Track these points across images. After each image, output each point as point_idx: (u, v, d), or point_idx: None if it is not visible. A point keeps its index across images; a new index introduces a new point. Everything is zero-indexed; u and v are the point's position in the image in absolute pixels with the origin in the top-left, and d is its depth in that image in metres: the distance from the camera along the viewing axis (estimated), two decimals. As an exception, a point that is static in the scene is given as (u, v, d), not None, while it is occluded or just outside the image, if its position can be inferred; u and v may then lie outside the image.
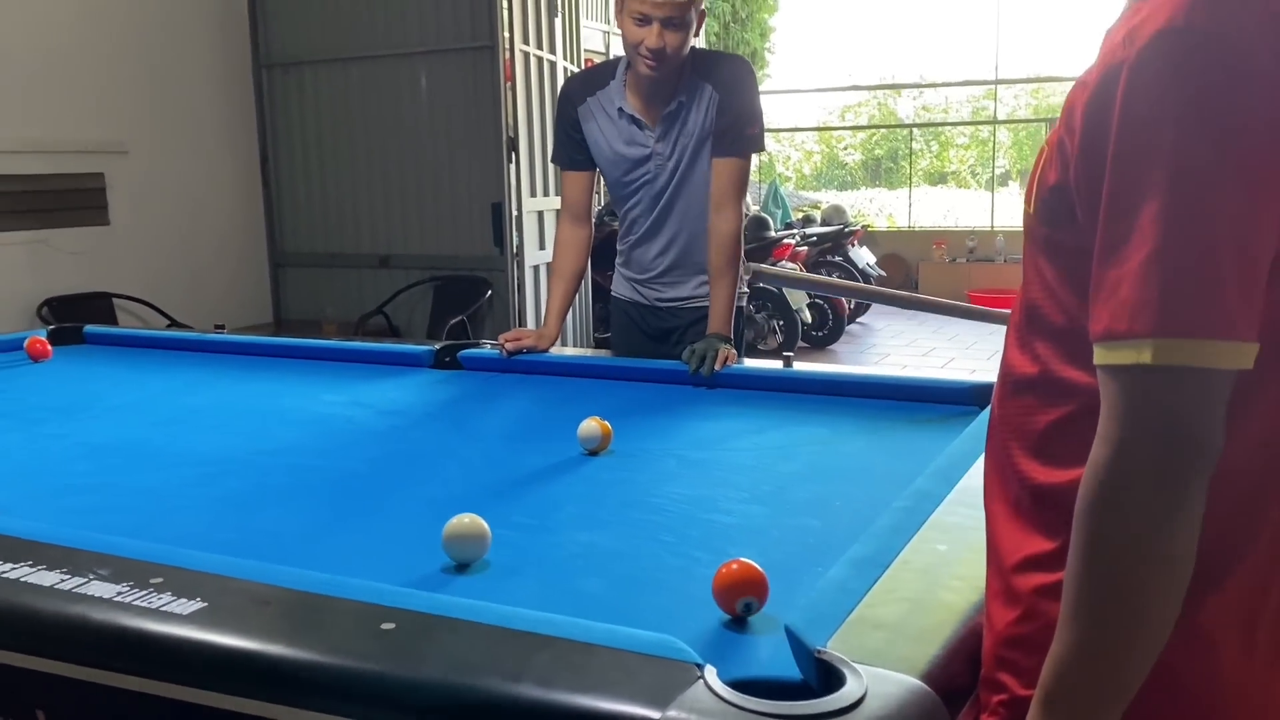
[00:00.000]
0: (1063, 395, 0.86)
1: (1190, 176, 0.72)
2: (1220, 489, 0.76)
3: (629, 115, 2.41)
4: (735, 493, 1.52)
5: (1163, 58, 0.74)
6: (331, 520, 1.45)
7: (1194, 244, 0.72)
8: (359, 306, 5.65)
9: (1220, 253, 0.72)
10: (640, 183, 2.46)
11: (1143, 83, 0.74)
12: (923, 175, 19.84)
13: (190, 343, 2.92)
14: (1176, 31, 0.74)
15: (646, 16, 2.26)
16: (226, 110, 5.68)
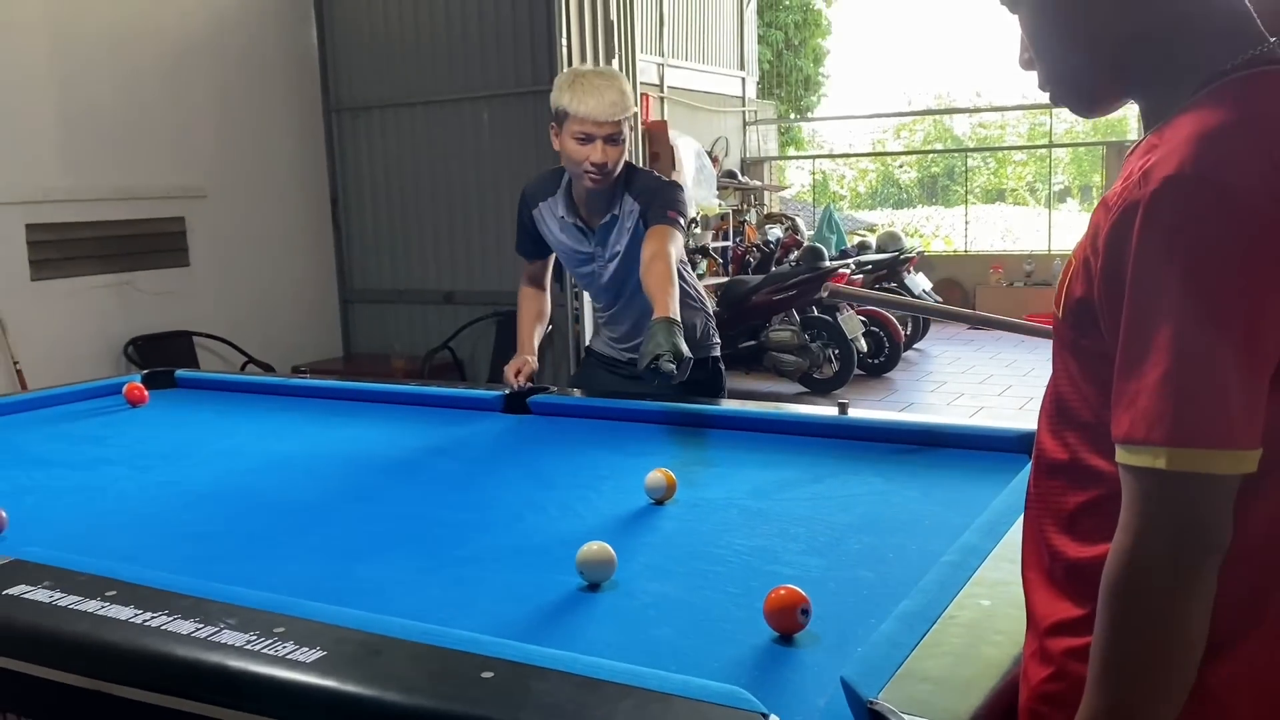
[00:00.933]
0: (1090, 480, 0.97)
1: (1197, 309, 0.84)
2: (1231, 570, 0.87)
3: (570, 224, 2.68)
4: (793, 544, 1.63)
5: (1172, 203, 0.85)
6: (425, 568, 1.59)
7: (1201, 367, 0.84)
8: (425, 341, 5.85)
9: (1224, 375, 0.83)
10: (590, 276, 2.76)
11: (1156, 224, 0.86)
12: (980, 193, 19.72)
13: (273, 387, 3.11)
14: (1185, 179, 0.85)
15: (590, 135, 2.48)
16: (298, 154, 5.93)
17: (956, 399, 7.21)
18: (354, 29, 5.91)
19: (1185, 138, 0.88)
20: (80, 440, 2.56)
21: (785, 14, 14.11)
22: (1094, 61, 1.01)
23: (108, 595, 1.37)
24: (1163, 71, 0.97)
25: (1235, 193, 0.84)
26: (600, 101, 2.45)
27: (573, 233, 2.69)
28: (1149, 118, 1.00)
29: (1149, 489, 0.86)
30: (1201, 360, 0.84)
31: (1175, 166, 0.86)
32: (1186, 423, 0.83)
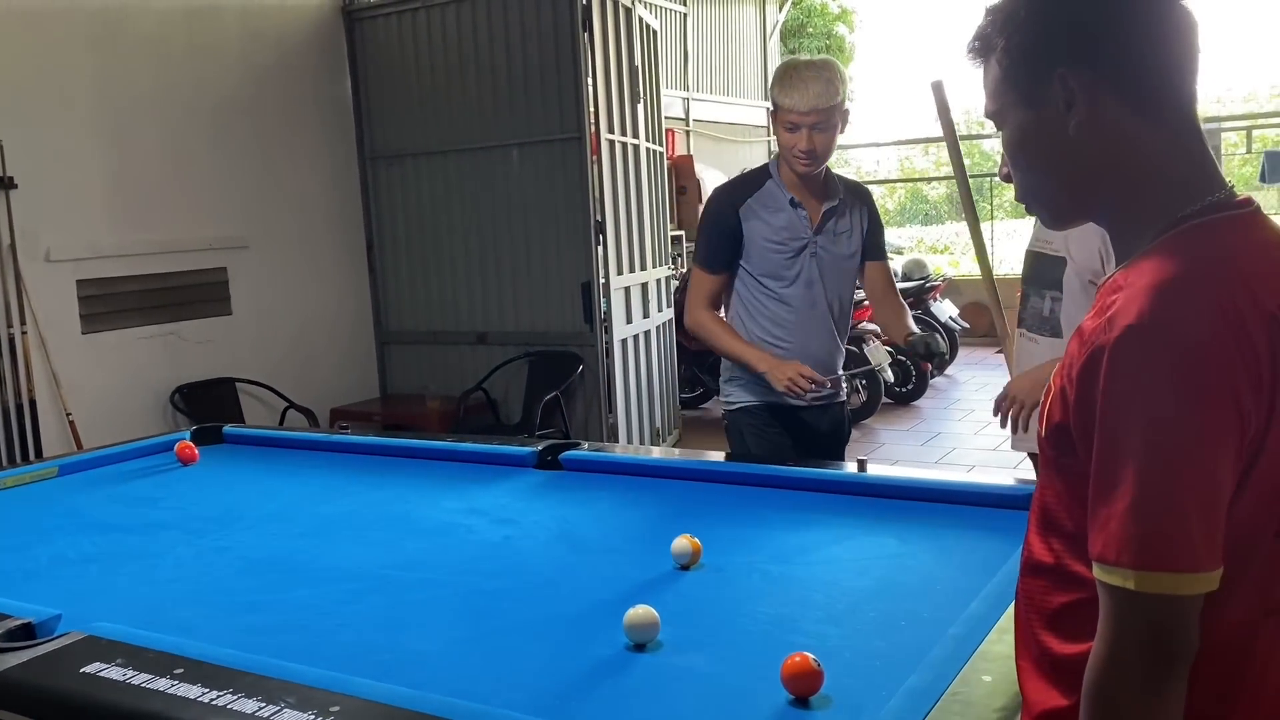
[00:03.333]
0: (1072, 584, 1.06)
1: (1158, 451, 0.94)
2: (1205, 664, 0.97)
3: (797, 209, 2.84)
4: (812, 612, 1.73)
5: (1131, 353, 0.96)
6: (466, 639, 1.70)
7: (1163, 501, 0.94)
8: (459, 381, 6.00)
9: (1184, 507, 0.94)
10: (792, 277, 2.86)
11: (1118, 371, 0.96)
12: (1009, 208, 19.65)
13: (317, 443, 3.24)
14: (1143, 329, 0.95)
15: (796, 124, 2.70)
16: (335, 201, 6.11)
17: (984, 428, 7.25)
18: (387, 80, 6.09)
19: (1144, 287, 0.98)
20: (135, 502, 2.69)
21: (809, 40, 14.23)
22: (1064, 190, 1.12)
23: (176, 673, 1.50)
24: (1128, 210, 1.08)
25: (1189, 344, 0.94)
26: (805, 94, 2.68)
27: (795, 219, 2.83)
28: (1117, 249, 1.11)
29: (1121, 604, 0.96)
30: (1163, 495, 0.94)
31: (1135, 316, 0.96)
32: (1151, 549, 0.94)
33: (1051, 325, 2.64)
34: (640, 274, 6.10)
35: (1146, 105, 1.06)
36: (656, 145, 6.52)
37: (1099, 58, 1.05)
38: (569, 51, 5.53)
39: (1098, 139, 1.07)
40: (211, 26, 5.37)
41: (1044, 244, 2.67)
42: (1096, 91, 1.05)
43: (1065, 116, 1.07)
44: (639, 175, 6.10)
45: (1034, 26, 1.07)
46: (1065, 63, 1.06)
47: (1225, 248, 1.01)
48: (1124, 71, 1.05)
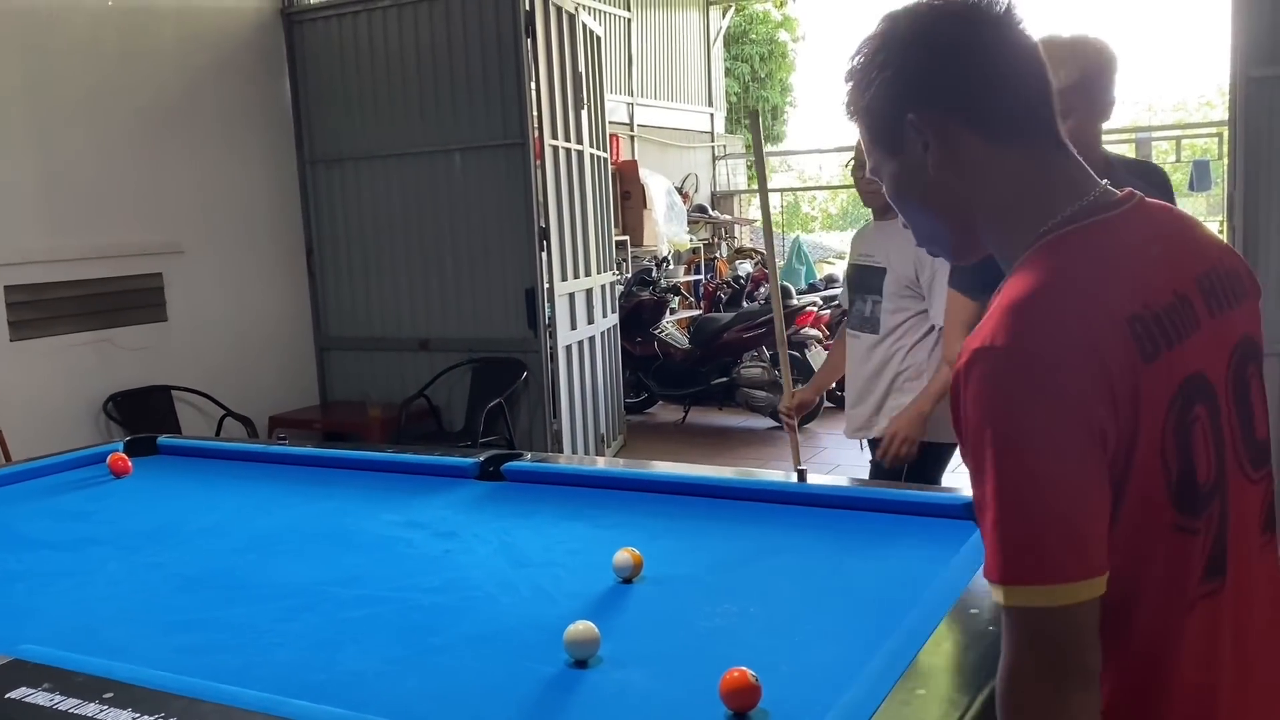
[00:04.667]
0: None
1: (1008, 465, 0.96)
2: (1127, 661, 1.02)
3: None
4: (751, 624, 1.75)
5: (980, 373, 0.98)
6: (403, 657, 1.68)
7: (1019, 514, 0.96)
8: (401, 388, 5.95)
9: (1040, 521, 0.95)
10: None
11: (969, 392, 0.99)
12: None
13: (254, 454, 3.20)
14: (990, 350, 0.98)
15: None
16: (273, 206, 6.02)
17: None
18: (327, 83, 6.02)
19: (997, 308, 1.01)
20: (66, 517, 2.63)
21: (751, 47, 14.34)
22: (947, 227, 1.17)
23: (106, 697, 1.47)
24: (1005, 236, 1.12)
25: (1032, 363, 0.96)
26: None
27: None
28: (1007, 271, 1.12)
29: (1008, 620, 0.99)
30: (1019, 510, 0.96)
31: (982, 339, 0.99)
32: (1015, 565, 0.96)
33: (871, 324, 3.12)
34: (585, 280, 6.10)
35: (998, 132, 1.09)
36: (601, 151, 6.53)
37: (942, 96, 1.09)
38: (512, 57, 5.51)
39: (958, 173, 1.11)
40: (146, 28, 5.27)
41: (866, 258, 3.13)
42: (947, 128, 1.10)
43: (924, 157, 1.11)
44: (583, 181, 6.10)
45: (879, 78, 1.12)
46: (913, 106, 1.10)
47: (1081, 255, 1.04)
48: (968, 104, 1.09)
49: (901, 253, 3.00)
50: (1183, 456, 1.01)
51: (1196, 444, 1.03)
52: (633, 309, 7.83)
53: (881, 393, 3.11)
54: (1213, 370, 1.06)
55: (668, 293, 8.50)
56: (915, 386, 3.06)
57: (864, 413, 3.18)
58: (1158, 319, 1.01)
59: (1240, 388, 1.10)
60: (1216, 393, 1.06)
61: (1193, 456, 1.02)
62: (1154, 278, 1.04)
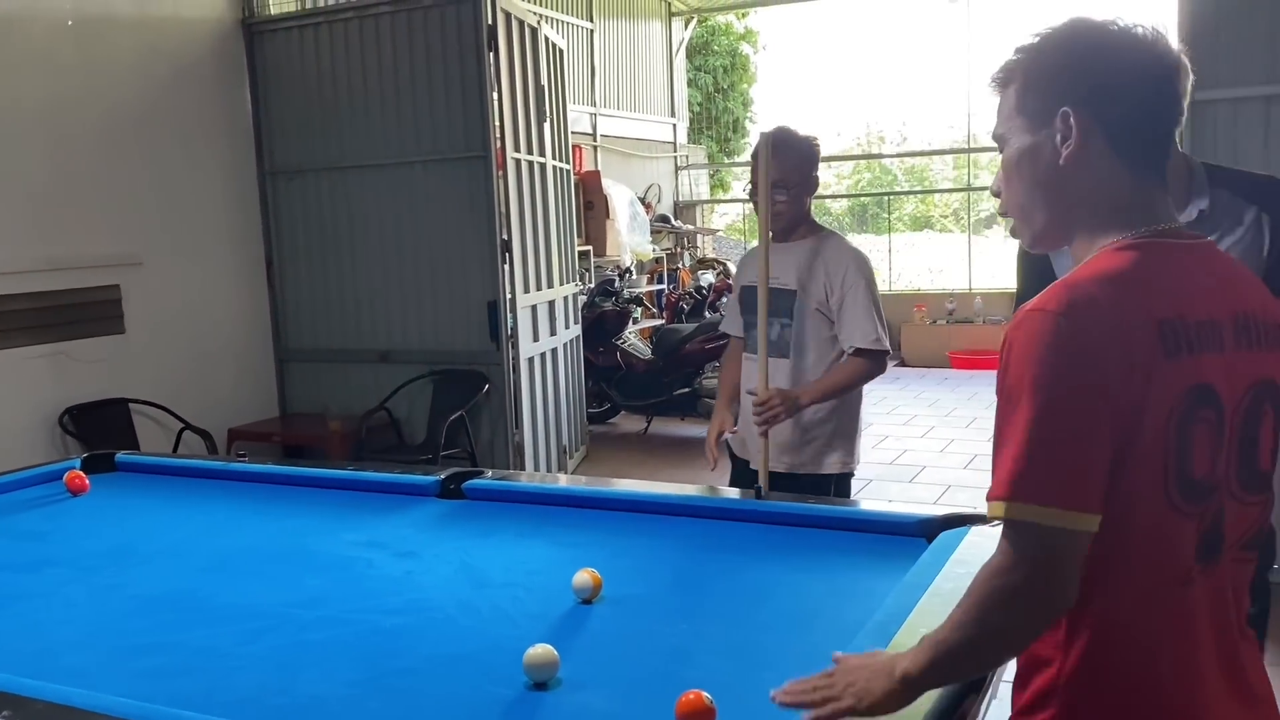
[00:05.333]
0: None
1: (1039, 403, 1.14)
2: (1120, 631, 1.20)
3: None
4: (707, 645, 1.78)
5: (1024, 327, 1.18)
6: (365, 681, 1.70)
7: (1040, 444, 1.14)
8: (361, 400, 5.93)
9: (1060, 453, 1.14)
10: None
11: (1017, 342, 1.18)
12: (908, 221, 20.14)
13: (216, 472, 3.19)
14: (1036, 310, 1.18)
15: None
16: (233, 217, 5.99)
17: (881, 441, 7.44)
18: (288, 94, 6.00)
19: (1056, 284, 1.20)
20: (23, 537, 2.62)
21: (714, 58, 14.43)
22: (1045, 212, 1.33)
23: (66, 726, 1.47)
24: (1091, 237, 1.29)
25: (1072, 324, 1.15)
26: None
27: None
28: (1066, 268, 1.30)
29: (1009, 533, 1.16)
30: (1041, 441, 1.14)
31: (1036, 304, 1.19)
32: (1027, 483, 1.14)
33: (780, 348, 3.04)
34: (547, 291, 6.12)
35: (1126, 149, 1.27)
36: (563, 163, 6.56)
37: (1099, 103, 1.25)
38: (474, 70, 5.53)
39: (1081, 171, 1.27)
40: (104, 39, 5.22)
41: (770, 279, 2.98)
42: (1090, 131, 1.26)
43: (1058, 148, 1.27)
44: (545, 193, 6.13)
45: (1051, 67, 1.29)
46: (1070, 102, 1.26)
47: (1137, 263, 1.22)
48: (1115, 118, 1.26)
49: (811, 275, 3.00)
50: (1182, 445, 1.18)
51: (1197, 440, 1.19)
52: (595, 320, 7.86)
53: (791, 422, 2.98)
54: (1226, 391, 1.22)
55: (630, 303, 8.53)
56: (832, 417, 3.03)
57: (777, 439, 3.02)
58: (1187, 328, 1.19)
59: (1251, 419, 1.25)
60: (1224, 410, 1.22)
61: (1192, 448, 1.18)
62: (1194, 299, 1.22)
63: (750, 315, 3.11)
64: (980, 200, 15.80)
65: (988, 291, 11.43)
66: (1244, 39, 4.10)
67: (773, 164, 2.96)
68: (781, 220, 3.03)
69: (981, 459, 7.05)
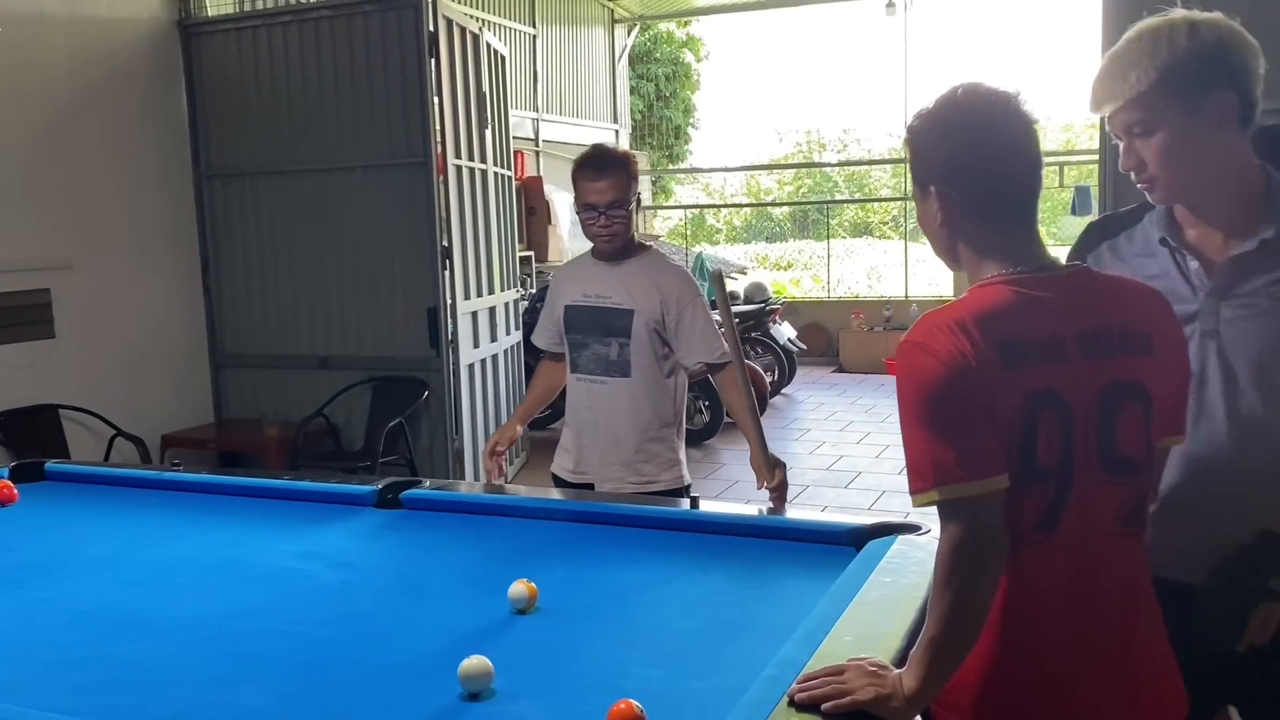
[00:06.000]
0: None
1: (920, 415, 1.47)
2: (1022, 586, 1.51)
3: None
4: (640, 654, 1.82)
5: (901, 355, 1.51)
6: (301, 694, 1.71)
7: (939, 443, 1.45)
8: (299, 406, 5.89)
9: (954, 443, 1.44)
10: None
11: (899, 368, 1.51)
12: (848, 227, 20.44)
13: (149, 481, 3.16)
14: (906, 343, 1.51)
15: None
16: (168, 220, 5.92)
17: (819, 447, 7.56)
18: (225, 97, 5.95)
19: (923, 317, 1.52)
20: (-51, 549, 2.57)
21: (656, 66, 14.51)
22: (943, 254, 1.67)
23: (-4, 742, 1.47)
24: (973, 268, 1.61)
25: (929, 350, 1.47)
26: None
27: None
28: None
29: (946, 512, 1.46)
30: (931, 441, 1.45)
31: (908, 336, 1.52)
32: (935, 474, 1.45)
33: (620, 367, 3.05)
34: (488, 298, 6.13)
35: (984, 213, 1.57)
36: (505, 169, 6.57)
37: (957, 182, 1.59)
38: (415, 76, 5.53)
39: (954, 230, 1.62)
40: (36, 39, 5.14)
41: (603, 299, 3.04)
42: (951, 202, 1.59)
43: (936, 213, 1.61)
44: (487, 199, 6.14)
45: (922, 150, 1.60)
46: (934, 180, 1.59)
47: (990, 297, 1.52)
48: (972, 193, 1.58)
49: (646, 295, 3.00)
50: (1027, 438, 1.46)
51: (1041, 434, 1.47)
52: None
53: (636, 439, 3.04)
54: (1072, 393, 1.48)
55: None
56: (667, 433, 3.07)
57: (613, 460, 3.07)
58: (1025, 345, 1.47)
59: (1106, 414, 1.50)
60: (1072, 410, 1.48)
61: (1036, 441, 1.47)
62: (1037, 321, 1.49)
63: (577, 335, 3.10)
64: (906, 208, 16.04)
65: (924, 299, 11.65)
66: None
67: (609, 182, 2.94)
68: (618, 240, 3.01)
69: (915, 465, 7.20)
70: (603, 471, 3.10)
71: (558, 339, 3.21)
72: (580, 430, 3.15)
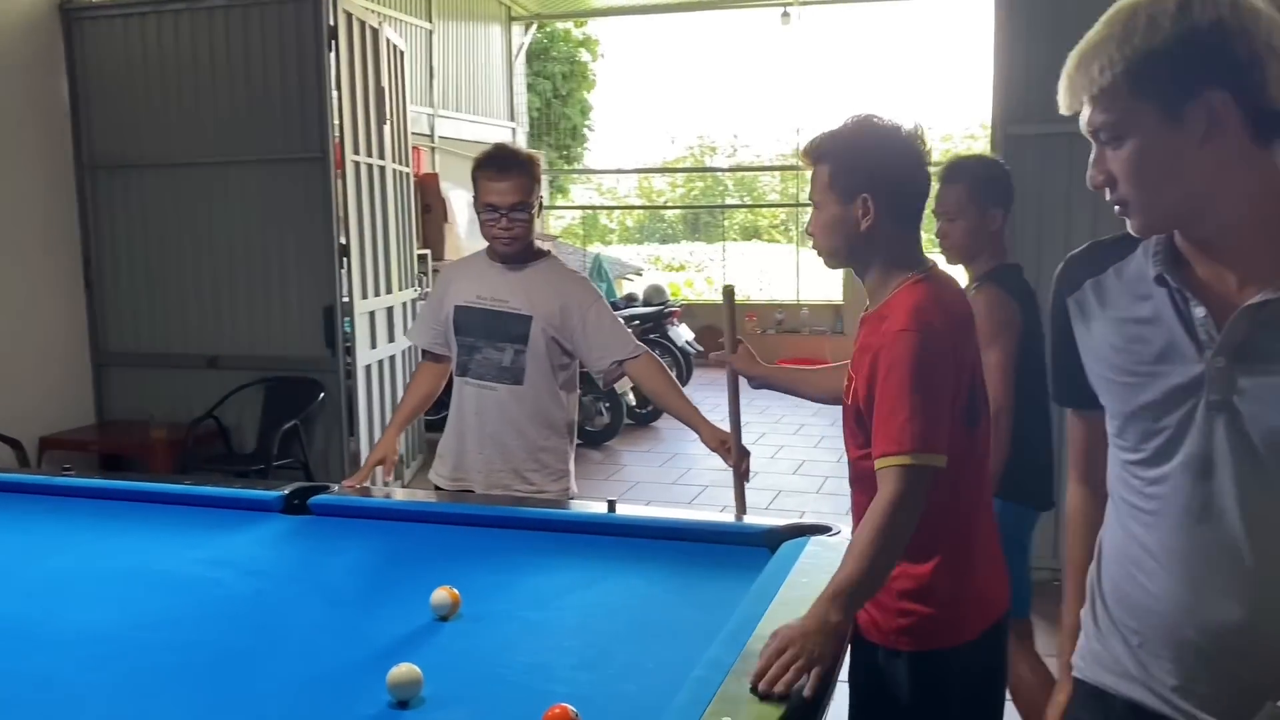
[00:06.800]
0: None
1: (914, 388, 1.79)
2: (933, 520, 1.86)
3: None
4: (567, 658, 1.83)
5: (901, 340, 1.83)
6: (222, 705, 1.67)
7: (919, 414, 1.78)
8: (186, 407, 5.70)
9: (926, 418, 1.78)
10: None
11: (894, 351, 1.83)
12: (738, 230, 20.75)
13: (35, 486, 3.02)
14: (906, 330, 1.83)
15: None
16: (46, 211, 5.66)
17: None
18: (111, 86, 5.71)
19: (905, 309, 1.86)
20: None
21: (553, 64, 14.48)
22: (849, 259, 2.00)
23: (-102, 766, 1.40)
24: (883, 271, 1.96)
25: (930, 332, 1.83)
26: None
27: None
28: (871, 295, 1.99)
29: (900, 477, 1.78)
30: (919, 412, 1.78)
31: (901, 324, 1.84)
32: (923, 441, 1.78)
33: (514, 374, 2.99)
34: (386, 297, 6.03)
35: (901, 218, 1.94)
36: (403, 166, 6.48)
37: (885, 191, 1.94)
38: (313, 70, 5.40)
39: (874, 234, 1.93)
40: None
41: (499, 303, 2.98)
42: (879, 208, 1.93)
43: (859, 219, 1.95)
44: (385, 196, 6.04)
45: (855, 161, 1.92)
46: (867, 190, 1.91)
47: (932, 291, 1.91)
48: (895, 201, 1.93)
49: (546, 302, 2.95)
50: (972, 399, 1.93)
51: (978, 395, 1.95)
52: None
53: (525, 448, 3.01)
54: (977, 367, 1.98)
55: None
56: (559, 443, 3.05)
57: (499, 467, 3.02)
58: (967, 325, 1.95)
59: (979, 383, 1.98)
60: (977, 378, 1.97)
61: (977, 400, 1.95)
62: (961, 306, 1.97)
63: (468, 338, 3.02)
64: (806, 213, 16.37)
65: (814, 303, 11.91)
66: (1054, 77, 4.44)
67: (513, 183, 2.89)
68: (519, 244, 2.95)
69: (810, 465, 7.35)
70: (488, 479, 3.01)
71: (441, 339, 3.13)
72: (464, 436, 3.08)
